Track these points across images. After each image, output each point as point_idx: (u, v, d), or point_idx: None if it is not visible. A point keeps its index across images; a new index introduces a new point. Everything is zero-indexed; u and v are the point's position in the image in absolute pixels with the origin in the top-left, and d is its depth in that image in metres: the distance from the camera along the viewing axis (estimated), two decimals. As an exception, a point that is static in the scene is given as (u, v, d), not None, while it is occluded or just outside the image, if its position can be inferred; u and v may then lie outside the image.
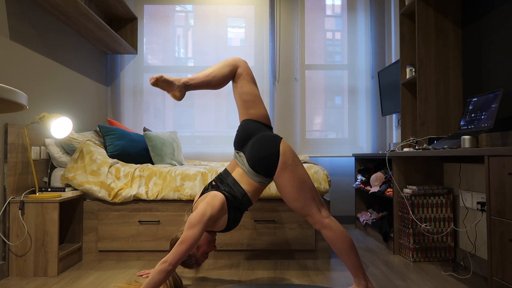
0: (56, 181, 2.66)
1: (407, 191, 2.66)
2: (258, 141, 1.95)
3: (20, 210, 2.29)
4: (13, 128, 2.32)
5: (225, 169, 2.06)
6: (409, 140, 2.90)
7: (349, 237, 1.91)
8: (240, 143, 2.02)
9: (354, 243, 1.92)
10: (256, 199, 2.04)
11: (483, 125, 2.21)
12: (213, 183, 2.02)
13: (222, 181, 2.00)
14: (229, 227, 2.00)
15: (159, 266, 1.75)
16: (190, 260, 2.01)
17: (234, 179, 1.98)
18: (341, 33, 4.09)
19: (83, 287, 2.09)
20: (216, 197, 1.91)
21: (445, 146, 2.12)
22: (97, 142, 2.88)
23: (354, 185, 3.68)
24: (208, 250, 2.04)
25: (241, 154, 2.00)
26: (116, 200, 2.57)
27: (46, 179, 2.67)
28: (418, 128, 2.72)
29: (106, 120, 3.92)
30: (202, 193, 2.04)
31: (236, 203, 1.95)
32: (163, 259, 1.77)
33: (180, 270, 2.40)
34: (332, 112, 4.07)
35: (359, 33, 4.06)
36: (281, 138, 1.98)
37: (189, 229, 1.81)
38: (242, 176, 1.98)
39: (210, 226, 1.91)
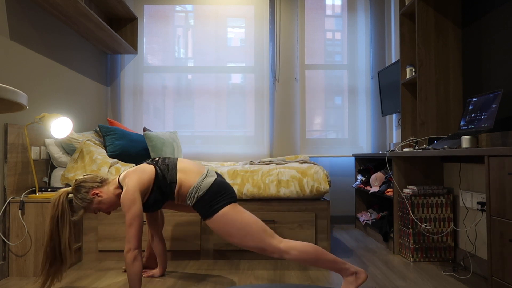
0: (56, 181, 2.66)
1: (407, 191, 2.66)
2: (221, 184, 1.95)
3: (20, 210, 2.29)
4: (13, 128, 2.32)
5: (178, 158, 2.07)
6: (409, 140, 2.90)
7: (310, 248, 1.86)
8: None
9: (318, 248, 1.86)
10: (179, 201, 2.01)
11: (483, 125, 2.21)
12: (156, 158, 2.05)
13: (164, 160, 2.02)
14: (148, 206, 1.98)
15: (127, 258, 1.79)
16: (81, 204, 1.93)
17: (175, 164, 1.98)
18: (341, 33, 4.09)
19: (83, 287, 2.09)
20: (145, 171, 1.92)
21: (445, 146, 2.12)
22: (97, 142, 2.88)
23: (354, 185, 3.68)
24: (105, 211, 2.01)
25: (211, 168, 1.98)
26: (116, 200, 2.57)
27: (46, 179, 2.67)
28: (418, 128, 2.72)
29: (106, 120, 3.92)
30: None
31: (162, 183, 1.94)
32: (125, 251, 1.80)
33: (181, 269, 2.40)
34: (332, 112, 4.07)
35: (359, 33, 4.07)
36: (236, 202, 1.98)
37: (128, 212, 1.82)
38: (189, 172, 1.97)
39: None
